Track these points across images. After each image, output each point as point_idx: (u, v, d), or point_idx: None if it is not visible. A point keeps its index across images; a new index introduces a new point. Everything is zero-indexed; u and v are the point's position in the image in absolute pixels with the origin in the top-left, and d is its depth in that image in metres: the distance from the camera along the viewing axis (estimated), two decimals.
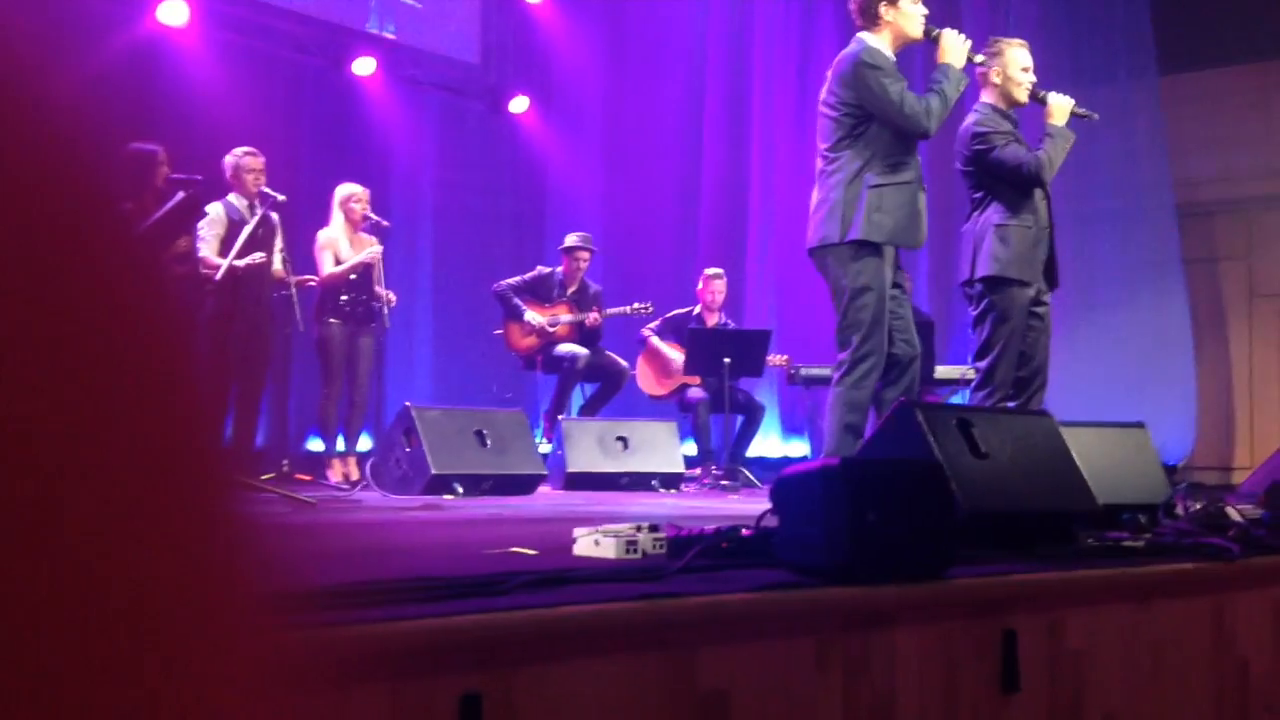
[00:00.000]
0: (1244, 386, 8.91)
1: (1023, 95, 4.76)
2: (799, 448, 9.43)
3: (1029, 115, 4.95)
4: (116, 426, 0.41)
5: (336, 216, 6.78)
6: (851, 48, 4.37)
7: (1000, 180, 4.68)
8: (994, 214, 4.68)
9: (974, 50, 4.60)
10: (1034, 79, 4.79)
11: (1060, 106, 4.70)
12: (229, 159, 6.25)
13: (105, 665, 0.38)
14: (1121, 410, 5.54)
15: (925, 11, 4.38)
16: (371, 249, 6.68)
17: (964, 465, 2.67)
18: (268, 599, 0.45)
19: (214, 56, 8.05)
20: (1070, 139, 4.68)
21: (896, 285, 4.34)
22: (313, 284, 6.50)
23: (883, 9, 4.34)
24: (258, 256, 5.98)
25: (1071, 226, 7.32)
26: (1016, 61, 4.76)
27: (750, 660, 1.90)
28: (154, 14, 7.76)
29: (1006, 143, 4.66)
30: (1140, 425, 3.82)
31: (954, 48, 4.36)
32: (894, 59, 4.35)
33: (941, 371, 7.40)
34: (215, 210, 6.04)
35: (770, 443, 9.25)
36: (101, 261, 0.43)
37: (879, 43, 4.34)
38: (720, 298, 8.09)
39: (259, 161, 6.26)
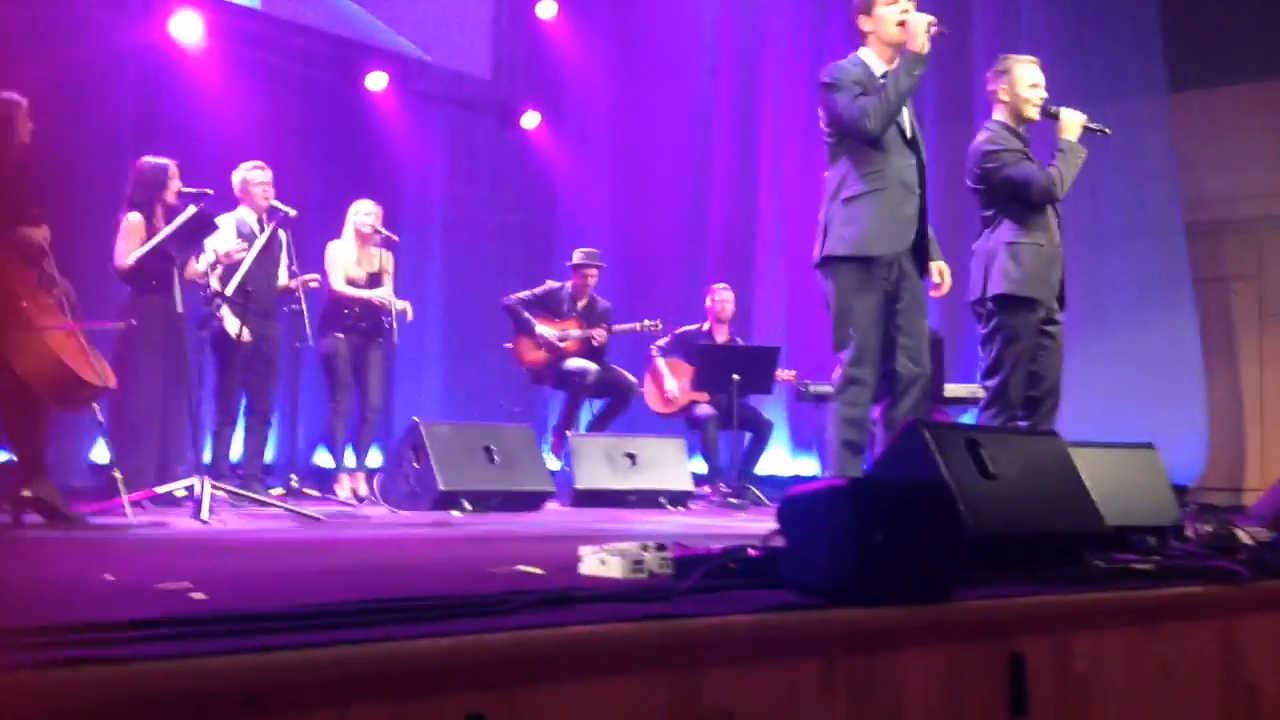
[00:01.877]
0: (1255, 407, 8.86)
1: (1033, 112, 4.73)
2: (808, 465, 9.40)
3: (1040, 131, 4.93)
4: None
5: (348, 231, 6.82)
6: None
7: (1013, 198, 4.65)
8: (1006, 232, 4.65)
9: (987, 70, 4.58)
10: (1044, 94, 4.76)
11: (1072, 122, 4.67)
12: (236, 174, 6.28)
13: None
14: (1131, 430, 5.52)
15: (905, 7, 4.32)
16: (383, 294, 6.65)
17: (971, 486, 2.66)
18: None
19: (226, 70, 8.08)
20: (1082, 155, 4.66)
21: (896, 300, 4.27)
22: (315, 285, 6.46)
23: (861, 21, 4.37)
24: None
25: (1080, 244, 7.33)
26: (1025, 78, 4.74)
27: (756, 681, 1.89)
28: (166, 28, 7.80)
29: (1017, 160, 4.64)
30: (1150, 446, 3.80)
31: (911, 30, 4.23)
32: (881, 69, 4.30)
33: (951, 390, 7.38)
34: (225, 223, 6.05)
35: (779, 459, 9.24)
36: None
37: (868, 55, 4.35)
38: (728, 309, 8.10)
39: (267, 175, 6.28)
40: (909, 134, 4.31)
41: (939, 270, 4.50)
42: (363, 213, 6.80)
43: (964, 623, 2.21)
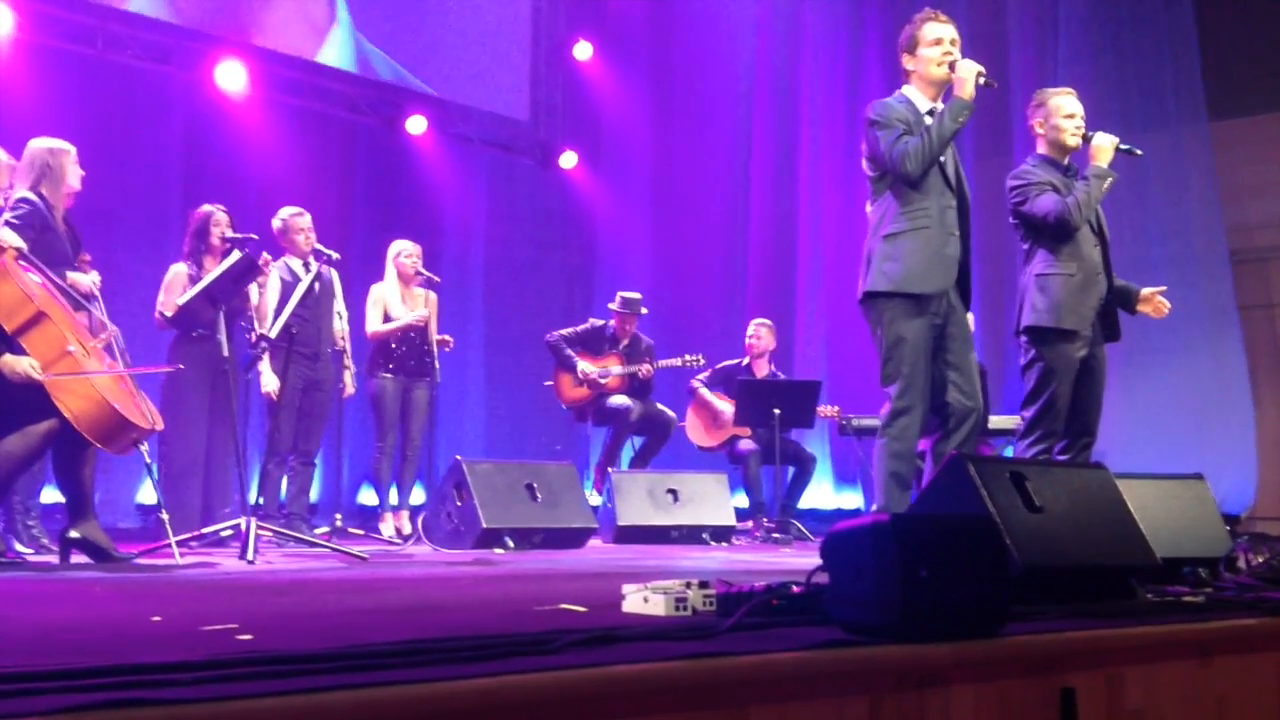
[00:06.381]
0: None
1: (1073, 140, 4.74)
2: (852, 499, 9.35)
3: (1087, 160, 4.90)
4: None
5: (390, 272, 6.87)
6: None
7: (1039, 230, 4.68)
8: (1037, 264, 4.69)
9: (1024, 107, 4.56)
10: (1081, 124, 4.76)
11: (1104, 146, 4.68)
12: (277, 221, 6.30)
13: None
14: (1179, 461, 5.45)
15: (949, 49, 4.32)
16: (418, 313, 6.73)
17: (1018, 520, 2.64)
18: None
19: (269, 118, 8.22)
20: (1109, 179, 4.66)
21: (945, 334, 4.25)
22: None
23: (904, 59, 4.38)
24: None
25: (1125, 274, 7.23)
26: (1059, 109, 4.75)
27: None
28: (212, 77, 7.94)
29: (1039, 193, 4.65)
30: (1199, 476, 3.75)
31: (961, 78, 4.23)
32: (925, 106, 4.31)
33: (996, 421, 7.32)
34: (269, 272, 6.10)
35: (823, 493, 9.18)
36: None
37: (912, 93, 4.34)
38: (767, 345, 8.09)
39: (307, 220, 6.31)
40: (951, 175, 4.30)
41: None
42: (404, 253, 6.86)
43: (1013, 658, 2.18)
